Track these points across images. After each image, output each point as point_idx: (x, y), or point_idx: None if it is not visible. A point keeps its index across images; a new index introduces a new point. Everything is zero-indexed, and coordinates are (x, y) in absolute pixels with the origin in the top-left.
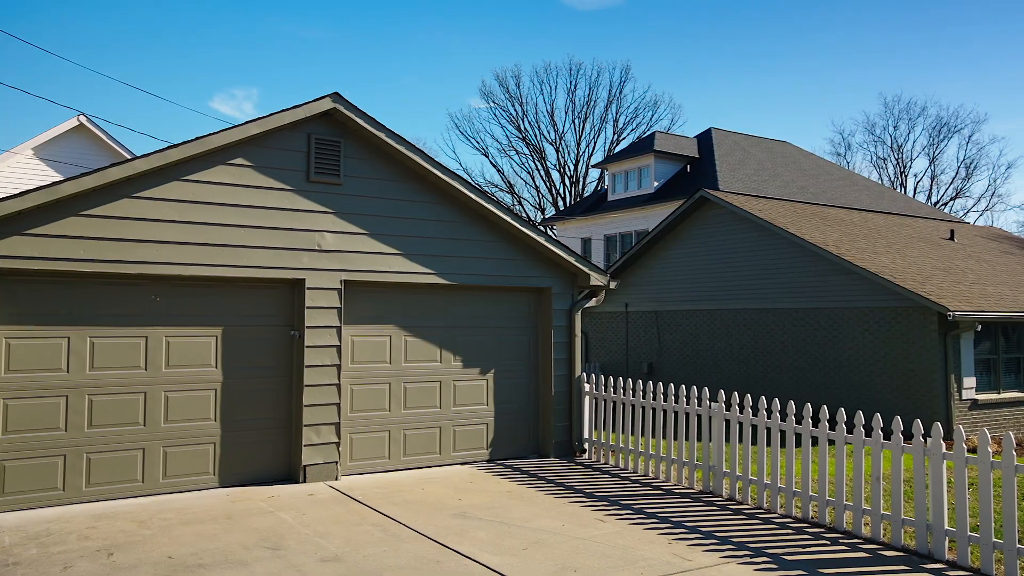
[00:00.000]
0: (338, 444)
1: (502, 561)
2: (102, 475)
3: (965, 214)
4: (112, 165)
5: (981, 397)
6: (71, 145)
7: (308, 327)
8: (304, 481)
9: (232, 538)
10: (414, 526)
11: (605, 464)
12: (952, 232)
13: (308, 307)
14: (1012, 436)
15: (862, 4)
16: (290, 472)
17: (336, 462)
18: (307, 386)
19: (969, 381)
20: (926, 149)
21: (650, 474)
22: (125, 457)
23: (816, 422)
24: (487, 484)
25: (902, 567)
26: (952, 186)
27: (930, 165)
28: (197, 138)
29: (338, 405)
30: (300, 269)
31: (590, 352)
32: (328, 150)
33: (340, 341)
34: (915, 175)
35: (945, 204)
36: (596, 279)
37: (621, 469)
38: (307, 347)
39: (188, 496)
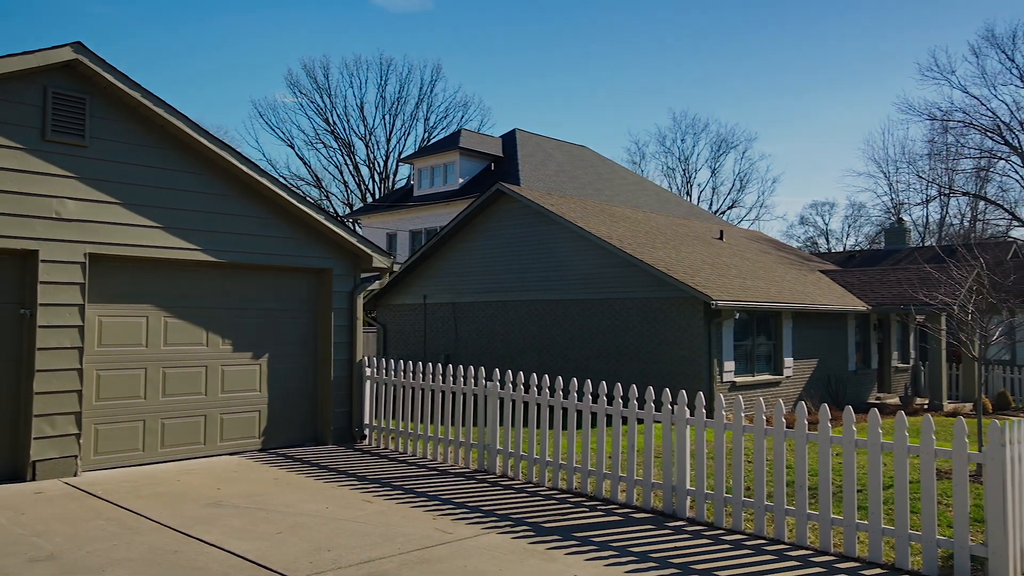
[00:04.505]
0: (79, 436)
1: (251, 547)
2: None
3: (739, 222)
4: None
5: (739, 379)
6: None
7: (42, 305)
8: (33, 479)
9: None
10: (158, 518)
11: (386, 449)
12: (721, 232)
13: (42, 282)
14: (741, 400)
15: (658, 27)
16: (16, 469)
17: (76, 456)
18: (39, 371)
19: (729, 365)
20: (708, 162)
21: (428, 456)
22: None
23: (580, 397)
24: (253, 473)
25: (648, 526)
26: (729, 196)
27: (712, 176)
28: None
29: (79, 392)
30: (32, 239)
31: (388, 345)
32: (69, 107)
33: (84, 321)
34: (699, 185)
35: (723, 212)
36: (379, 261)
37: (401, 453)
38: (40, 327)
39: None
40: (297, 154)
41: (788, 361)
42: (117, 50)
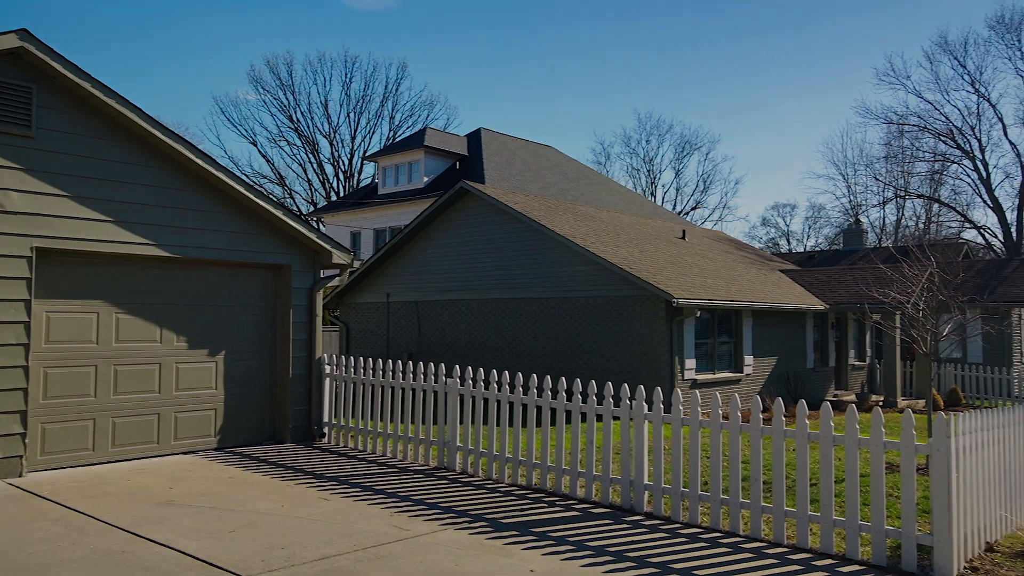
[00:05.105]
0: (24, 436)
1: (202, 545)
2: None
3: (703, 223)
4: None
5: (700, 377)
6: None
7: None
8: None
9: None
10: (106, 518)
11: (345, 447)
12: (684, 232)
13: None
14: (699, 395)
15: (623, 29)
16: None
17: (21, 456)
18: None
19: (690, 363)
20: (672, 163)
21: (388, 454)
22: None
23: (540, 393)
24: (208, 472)
25: (606, 521)
26: (693, 197)
27: (675, 177)
28: None
29: (25, 391)
30: None
31: (351, 344)
32: (15, 96)
33: (30, 317)
34: (663, 186)
35: (687, 213)
36: (339, 257)
37: (360, 451)
38: None
39: None
40: (260, 151)
41: (748, 359)
42: (72, 43)
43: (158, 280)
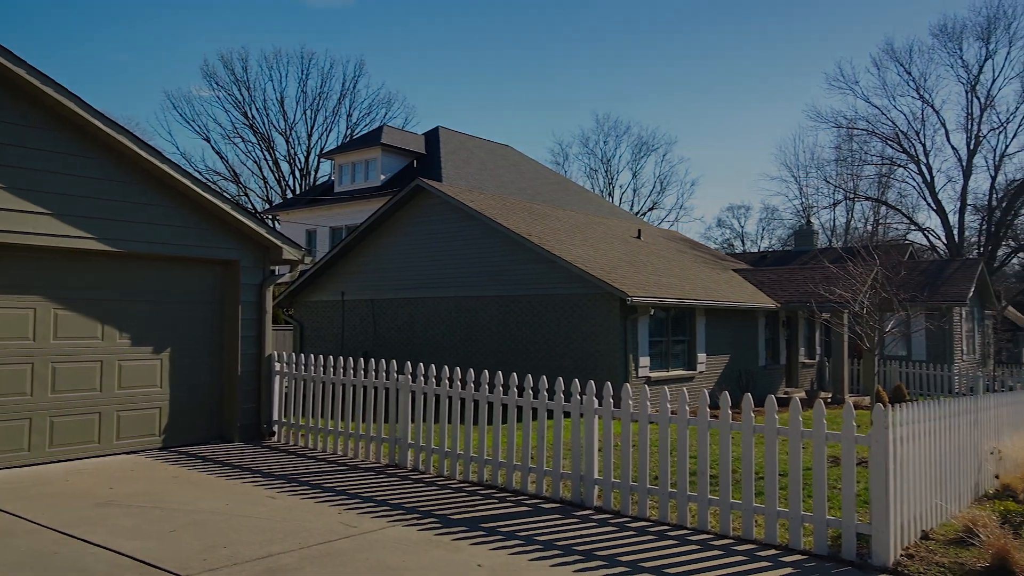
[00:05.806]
0: None
1: (140, 546)
2: None
3: (660, 223)
4: None
5: (654, 374)
6: None
7: None
8: None
9: None
10: (40, 520)
11: (295, 446)
12: (639, 231)
13: None
14: (648, 390)
15: (582, 30)
16: None
17: None
18: None
19: (644, 360)
20: (630, 164)
21: (339, 452)
22: None
23: (492, 389)
24: (151, 472)
25: (556, 516)
26: (650, 198)
27: (633, 178)
28: None
29: None
30: None
31: (305, 343)
32: None
33: None
34: (621, 186)
35: (644, 214)
36: (290, 253)
37: (310, 449)
38: None
39: None
40: (213, 148)
41: (701, 357)
42: (17, 33)
43: (100, 275)
